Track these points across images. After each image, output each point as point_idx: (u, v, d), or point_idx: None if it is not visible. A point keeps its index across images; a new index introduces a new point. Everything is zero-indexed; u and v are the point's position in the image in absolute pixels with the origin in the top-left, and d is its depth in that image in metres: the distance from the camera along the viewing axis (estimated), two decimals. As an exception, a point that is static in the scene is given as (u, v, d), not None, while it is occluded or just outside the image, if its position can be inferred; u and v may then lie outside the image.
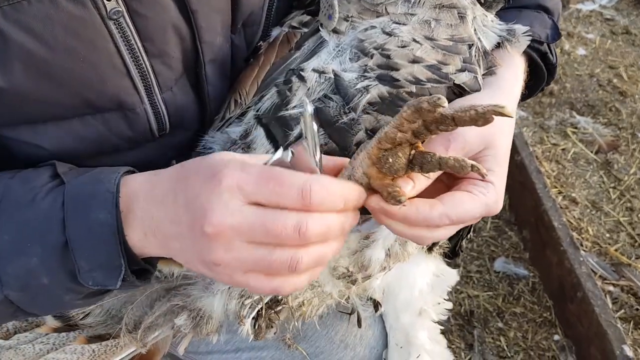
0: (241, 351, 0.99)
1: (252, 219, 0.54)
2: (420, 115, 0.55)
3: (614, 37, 3.04)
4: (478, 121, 0.53)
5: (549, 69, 0.86)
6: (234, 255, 0.55)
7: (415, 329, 0.99)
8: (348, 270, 0.84)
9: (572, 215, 2.17)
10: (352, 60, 0.72)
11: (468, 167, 0.56)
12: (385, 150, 0.58)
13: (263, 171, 0.54)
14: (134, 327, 0.83)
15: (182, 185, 0.58)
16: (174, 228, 0.59)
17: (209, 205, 0.54)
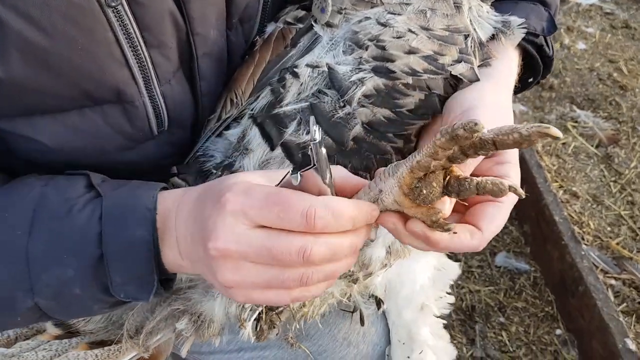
0: (244, 351, 0.99)
1: (258, 243, 0.54)
2: (457, 142, 0.52)
3: (613, 31, 3.03)
4: (522, 144, 0.50)
5: (545, 61, 0.85)
6: (243, 277, 0.56)
7: (418, 325, 0.99)
8: (349, 269, 0.83)
9: (573, 210, 2.17)
10: (346, 53, 0.71)
11: (506, 189, 0.53)
12: (418, 179, 0.55)
13: (268, 196, 0.54)
14: (135, 332, 0.83)
15: (200, 206, 0.60)
16: (194, 247, 0.60)
17: (215, 228, 0.55)
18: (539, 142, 0.51)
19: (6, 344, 0.81)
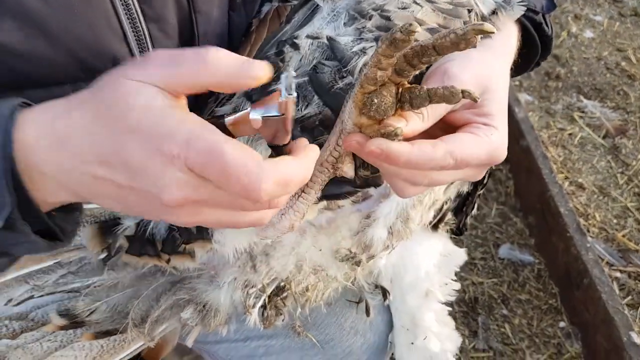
0: (250, 340, 0.99)
1: (216, 196, 0.51)
2: (396, 47, 0.51)
3: (622, 19, 2.99)
4: (460, 44, 0.51)
5: (545, 41, 0.84)
6: (203, 218, 0.53)
7: (422, 310, 0.98)
8: (350, 251, 0.83)
9: (578, 201, 2.15)
10: (347, 25, 0.70)
11: (459, 93, 0.53)
12: (368, 93, 0.56)
13: (211, 152, 0.49)
14: (140, 321, 0.82)
15: (116, 144, 0.51)
16: (108, 188, 0.52)
17: (162, 182, 0.50)
18: (476, 40, 0.51)
19: (12, 336, 0.79)
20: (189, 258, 0.79)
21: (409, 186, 0.63)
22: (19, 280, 0.80)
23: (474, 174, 0.65)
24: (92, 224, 0.80)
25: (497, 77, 0.67)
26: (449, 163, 0.58)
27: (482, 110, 0.63)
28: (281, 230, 0.69)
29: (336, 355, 1.00)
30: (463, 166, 0.60)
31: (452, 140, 0.59)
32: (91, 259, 0.82)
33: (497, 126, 0.63)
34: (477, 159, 0.60)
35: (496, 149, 0.62)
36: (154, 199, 0.51)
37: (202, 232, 0.76)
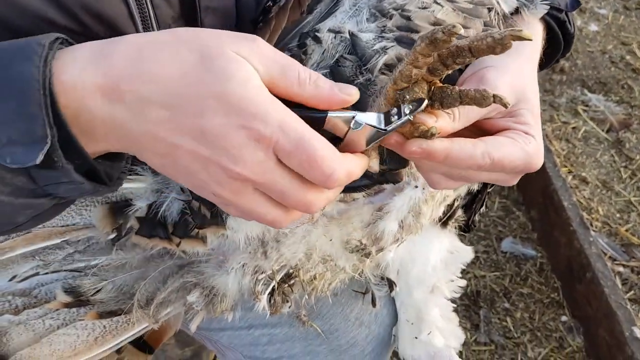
0: (254, 328, 0.98)
1: (275, 180, 0.53)
2: (435, 47, 0.52)
3: (627, 13, 2.99)
4: (496, 48, 0.51)
5: (567, 39, 0.84)
6: (244, 200, 0.55)
7: (427, 305, 0.98)
8: (361, 243, 0.83)
9: (582, 195, 2.15)
10: (369, 21, 0.69)
11: (490, 97, 0.53)
12: (400, 89, 0.56)
13: (301, 141, 0.52)
14: (146, 303, 0.81)
15: (197, 106, 0.51)
16: (167, 149, 0.53)
17: (239, 154, 0.51)
18: (511, 46, 0.52)
19: (14, 312, 0.79)
20: (200, 243, 0.78)
21: (444, 180, 0.64)
22: (26, 256, 0.80)
23: (507, 179, 0.66)
24: (102, 204, 0.80)
25: (531, 85, 0.68)
26: (486, 162, 0.59)
27: (519, 119, 0.64)
28: (301, 220, 0.68)
29: (340, 346, 0.99)
30: (498, 168, 0.60)
31: (492, 141, 0.60)
32: (99, 239, 0.81)
33: (535, 135, 0.63)
34: (512, 163, 0.60)
35: (532, 158, 0.62)
36: (219, 169, 0.52)
37: (217, 217, 0.76)
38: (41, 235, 0.79)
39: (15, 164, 0.50)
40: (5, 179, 0.52)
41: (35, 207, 0.57)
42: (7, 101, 0.49)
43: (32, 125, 0.49)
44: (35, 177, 0.52)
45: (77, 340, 0.79)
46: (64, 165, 0.51)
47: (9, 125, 0.50)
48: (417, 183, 0.79)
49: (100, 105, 0.51)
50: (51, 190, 0.54)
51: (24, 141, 0.50)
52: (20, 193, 0.54)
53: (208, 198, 0.58)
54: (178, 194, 0.78)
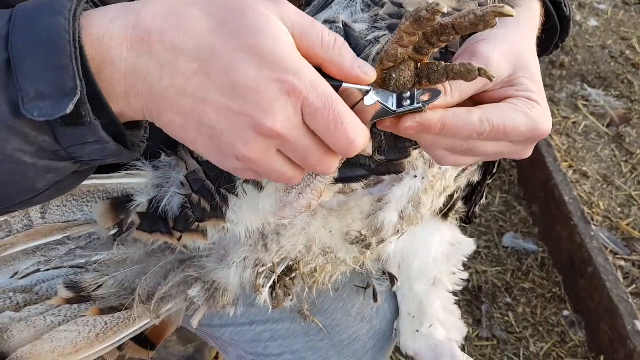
0: (256, 324, 0.98)
1: (300, 140, 0.54)
2: (420, 25, 0.53)
3: (626, 8, 2.98)
4: (479, 25, 0.52)
5: (563, 22, 0.83)
6: (264, 158, 0.55)
7: (429, 298, 0.98)
8: (361, 234, 0.82)
9: (582, 190, 2.14)
10: (364, 11, 0.69)
11: (475, 70, 0.53)
12: (387, 69, 0.57)
13: (329, 100, 0.52)
14: (147, 298, 0.81)
15: (228, 59, 0.51)
16: (193, 103, 0.52)
17: (270, 108, 0.51)
18: (495, 23, 0.52)
19: (15, 309, 0.79)
20: (201, 236, 0.78)
21: (450, 155, 0.63)
22: (27, 253, 0.79)
23: (518, 151, 0.64)
24: (104, 200, 0.80)
25: (529, 54, 0.66)
26: (486, 129, 0.58)
27: (519, 87, 0.63)
28: (298, 210, 0.69)
29: (342, 342, 0.99)
30: (502, 136, 0.59)
31: (490, 108, 0.60)
32: (101, 234, 0.81)
33: (538, 100, 0.62)
34: (516, 129, 0.59)
35: (538, 123, 0.61)
36: (248, 125, 0.52)
37: (217, 210, 0.76)
38: (42, 231, 0.79)
39: (43, 117, 0.49)
40: (30, 137, 0.51)
41: (57, 171, 0.55)
42: (36, 54, 0.49)
43: (61, 76, 0.49)
44: (60, 137, 0.52)
45: (78, 336, 0.79)
46: (91, 120, 0.51)
47: (38, 78, 0.49)
48: (416, 173, 0.78)
49: (125, 57, 0.51)
50: (75, 152, 0.54)
51: (53, 94, 0.49)
52: (44, 154, 0.53)
53: (226, 166, 0.57)
54: (178, 188, 0.78)
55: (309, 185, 0.67)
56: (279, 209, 0.71)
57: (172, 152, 0.81)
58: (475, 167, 0.89)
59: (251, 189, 0.74)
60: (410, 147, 0.72)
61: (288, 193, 0.70)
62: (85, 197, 0.80)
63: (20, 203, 0.59)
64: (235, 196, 0.75)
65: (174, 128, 0.55)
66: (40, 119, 0.49)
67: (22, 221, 0.78)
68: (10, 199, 0.58)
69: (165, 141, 0.81)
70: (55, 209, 0.79)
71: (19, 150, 0.51)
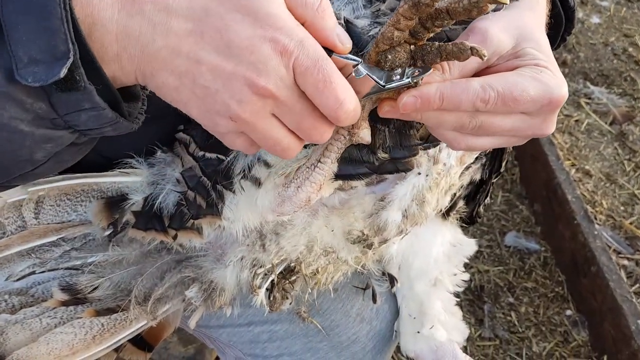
0: (254, 325, 0.97)
1: (293, 102, 0.54)
2: (418, 10, 0.53)
3: (629, 5, 2.97)
4: (472, 11, 0.52)
5: (568, 14, 0.82)
6: (256, 119, 0.55)
7: (430, 298, 0.97)
8: (363, 233, 0.81)
9: (585, 188, 2.13)
10: (366, 7, 0.69)
11: (467, 49, 0.54)
12: (382, 51, 0.57)
13: (319, 59, 0.52)
14: (143, 299, 0.81)
15: (222, 19, 0.51)
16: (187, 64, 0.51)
17: (264, 67, 0.51)
18: (488, 9, 0.52)
19: (11, 311, 0.78)
20: (196, 234, 0.78)
21: (461, 136, 0.62)
22: (22, 255, 0.79)
23: (537, 123, 0.61)
24: (98, 199, 0.79)
25: (531, 27, 0.64)
26: (490, 94, 0.56)
27: (525, 57, 0.61)
28: (298, 204, 0.68)
29: (341, 343, 0.98)
30: (511, 102, 0.57)
31: (493, 76, 0.58)
32: (96, 235, 0.81)
33: (547, 66, 0.60)
34: (525, 94, 0.57)
35: (550, 87, 0.58)
36: (243, 84, 0.52)
37: (212, 207, 0.75)
38: (36, 232, 0.78)
39: (37, 82, 0.49)
40: (26, 104, 0.51)
41: (54, 141, 0.55)
42: (26, 18, 0.49)
43: (53, 40, 0.48)
44: (56, 104, 0.51)
45: (74, 338, 0.78)
46: (86, 85, 0.50)
47: (30, 43, 0.49)
48: (420, 170, 0.77)
49: (116, 18, 0.51)
50: (71, 120, 0.53)
51: (46, 58, 0.49)
52: (41, 123, 0.52)
53: (218, 128, 0.56)
54: (174, 185, 0.77)
55: (307, 177, 0.66)
56: (278, 205, 0.70)
57: (168, 149, 0.80)
58: (478, 165, 0.88)
59: (249, 185, 0.74)
60: (418, 146, 0.71)
61: (287, 187, 0.69)
62: (79, 197, 0.79)
63: (20, 176, 0.59)
64: (232, 192, 0.74)
65: (167, 90, 0.55)
66: (35, 84, 0.49)
67: (16, 222, 0.77)
68: (9, 170, 0.57)
69: (161, 138, 0.80)
70: (49, 209, 0.78)
71: (15, 118, 0.51)
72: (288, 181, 0.69)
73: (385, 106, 0.60)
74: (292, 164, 0.71)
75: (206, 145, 0.75)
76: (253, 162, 0.73)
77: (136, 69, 0.53)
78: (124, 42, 0.51)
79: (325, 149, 0.65)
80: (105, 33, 0.51)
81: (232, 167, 0.74)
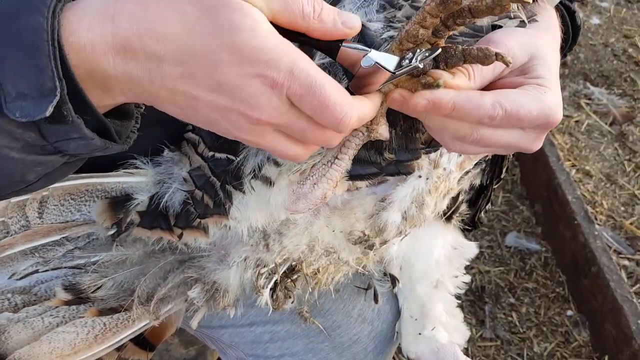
0: (255, 325, 0.97)
1: (293, 120, 0.55)
2: (445, 7, 0.54)
3: (629, 5, 2.98)
4: (495, 9, 0.53)
5: (575, 32, 0.84)
6: (265, 140, 0.58)
7: (431, 300, 0.97)
8: (364, 234, 0.82)
9: (586, 189, 2.13)
10: (379, 12, 0.69)
11: (492, 55, 0.54)
12: (407, 50, 0.57)
13: (312, 85, 0.53)
14: (146, 299, 0.80)
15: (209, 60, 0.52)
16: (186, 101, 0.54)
17: (256, 102, 0.53)
18: (510, 8, 0.53)
19: (13, 310, 0.78)
20: (202, 233, 0.78)
21: (458, 142, 0.63)
22: (25, 253, 0.79)
23: (530, 140, 0.64)
24: (102, 198, 0.80)
25: (545, 46, 0.67)
26: (498, 113, 0.58)
27: (532, 74, 0.63)
28: (313, 202, 0.68)
29: (343, 343, 0.98)
30: (515, 121, 0.59)
31: (503, 93, 0.60)
32: (99, 235, 0.81)
33: (550, 87, 0.62)
34: (529, 114, 0.59)
35: (550, 109, 0.60)
36: (239, 116, 0.54)
37: (220, 206, 0.76)
38: (40, 231, 0.78)
39: (25, 118, 0.49)
40: (16, 134, 0.52)
41: (45, 164, 0.56)
42: (15, 53, 0.49)
43: (41, 77, 0.49)
44: (45, 133, 0.52)
45: (76, 338, 0.78)
46: (73, 119, 0.51)
47: (18, 78, 0.49)
48: (420, 173, 0.78)
49: (114, 65, 0.52)
50: (62, 146, 0.54)
51: (33, 94, 0.49)
52: (31, 150, 0.54)
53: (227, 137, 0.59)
54: (181, 185, 0.77)
55: (324, 174, 0.66)
56: (293, 202, 0.70)
57: (175, 148, 0.81)
58: (478, 170, 0.88)
59: (260, 184, 0.74)
60: (422, 150, 0.72)
61: (302, 185, 0.69)
62: (83, 197, 0.79)
63: (13, 192, 0.60)
64: (242, 193, 0.75)
65: (175, 114, 0.58)
66: (22, 120, 0.50)
67: (20, 222, 0.77)
68: (3, 190, 0.59)
69: (167, 139, 0.81)
70: (53, 209, 0.78)
71: (5, 147, 0.52)
72: (303, 178, 0.69)
73: (396, 94, 0.60)
74: (307, 161, 0.71)
75: (215, 145, 0.76)
76: (263, 162, 0.73)
77: (143, 100, 0.56)
78: (126, 84, 0.53)
79: (343, 145, 0.65)
80: (106, 76, 0.53)
81: (242, 168, 0.74)
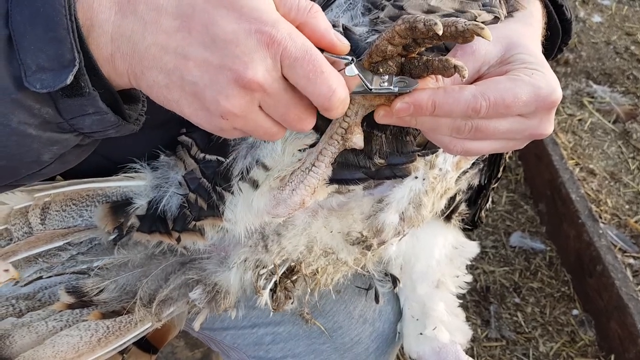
0: (257, 327, 0.97)
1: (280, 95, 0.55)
2: (413, 33, 0.55)
3: (630, 3, 2.96)
4: (458, 38, 0.55)
5: (565, 26, 0.82)
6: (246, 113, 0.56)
7: (433, 300, 0.97)
8: (362, 235, 0.82)
9: (590, 187, 2.12)
10: (364, 15, 0.69)
11: (451, 66, 0.55)
12: (375, 63, 0.59)
13: (308, 51, 0.53)
14: (148, 301, 0.81)
15: (207, 15, 0.53)
16: (176, 60, 0.53)
17: (250, 59, 0.52)
18: (473, 39, 0.55)
19: (17, 314, 0.79)
20: (199, 236, 0.79)
21: (457, 141, 0.62)
22: (29, 260, 0.80)
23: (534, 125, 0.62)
24: (103, 203, 0.81)
25: (522, 35, 0.66)
26: (482, 104, 0.57)
27: (515, 63, 0.62)
28: (292, 207, 0.69)
29: (344, 344, 0.98)
30: (503, 109, 0.58)
31: (486, 82, 0.59)
32: (101, 239, 0.82)
33: (538, 69, 0.61)
34: (516, 99, 0.58)
35: (540, 88, 0.59)
36: (230, 78, 0.53)
37: (213, 208, 0.76)
38: (43, 238, 0.79)
39: (45, 88, 0.52)
40: (34, 110, 0.54)
41: (61, 143, 0.58)
42: (35, 29, 0.51)
43: (60, 49, 0.51)
44: (62, 109, 0.54)
45: (80, 341, 0.79)
46: (90, 91, 0.53)
47: (38, 51, 0.52)
48: (417, 174, 0.78)
49: (112, 20, 0.53)
50: (77, 123, 0.56)
51: (53, 66, 0.52)
52: (48, 127, 0.55)
53: (213, 126, 0.58)
54: (177, 188, 0.78)
55: (302, 181, 0.67)
56: (273, 207, 0.71)
57: (170, 152, 0.82)
58: (475, 170, 0.88)
59: (247, 186, 0.75)
60: (416, 152, 0.72)
61: (282, 190, 0.70)
62: (84, 202, 0.80)
63: (27, 176, 0.62)
64: (231, 194, 0.75)
65: (158, 89, 0.56)
66: (43, 91, 0.52)
67: (23, 228, 0.79)
68: (18, 171, 0.60)
69: (165, 143, 0.82)
70: (55, 215, 0.80)
71: (23, 123, 0.54)
72: (283, 184, 0.70)
73: (380, 111, 0.61)
74: (288, 167, 0.71)
75: (207, 147, 0.76)
76: (252, 164, 0.74)
77: (128, 68, 0.55)
78: (117, 42, 0.54)
79: (320, 153, 0.66)
80: (101, 34, 0.54)
81: (231, 169, 0.74)
